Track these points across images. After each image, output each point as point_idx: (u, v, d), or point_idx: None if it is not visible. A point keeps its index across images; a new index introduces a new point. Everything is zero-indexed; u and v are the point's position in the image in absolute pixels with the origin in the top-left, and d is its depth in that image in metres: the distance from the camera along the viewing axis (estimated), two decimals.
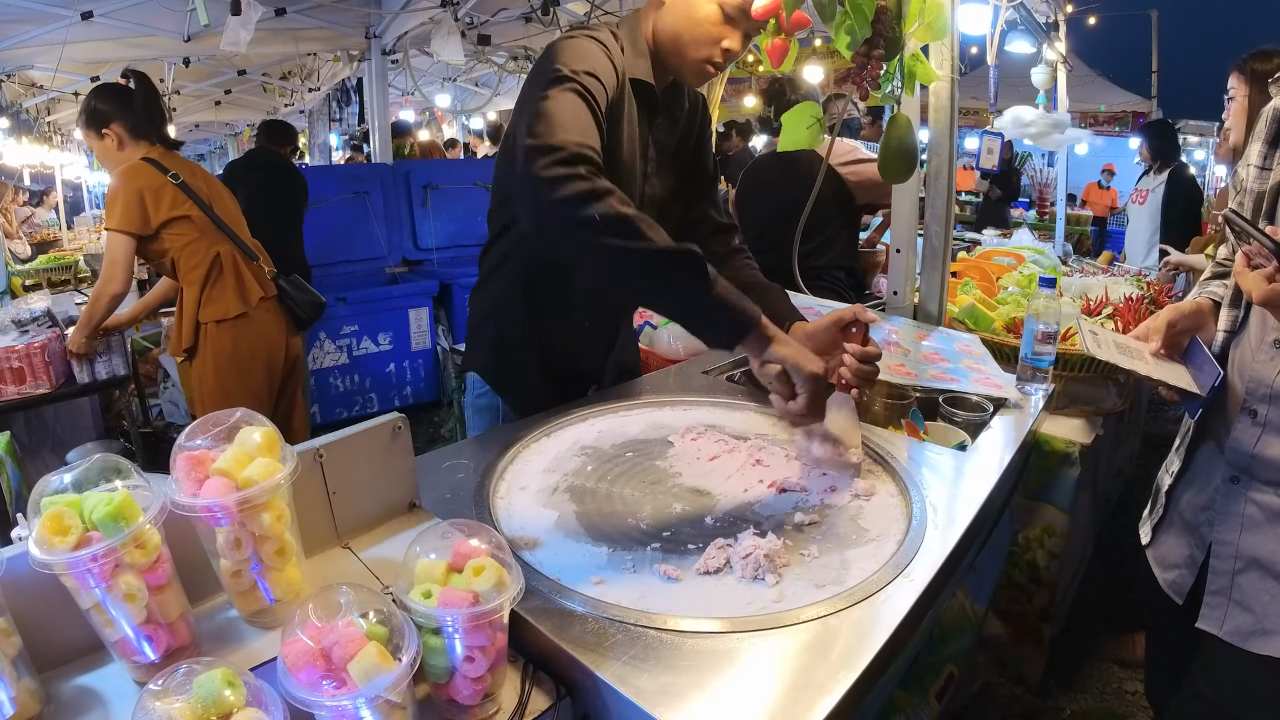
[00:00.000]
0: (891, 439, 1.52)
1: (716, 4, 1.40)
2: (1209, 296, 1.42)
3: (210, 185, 2.83)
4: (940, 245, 2.25)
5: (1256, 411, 1.22)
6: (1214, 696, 1.30)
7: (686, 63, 1.47)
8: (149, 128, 2.70)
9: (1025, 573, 2.17)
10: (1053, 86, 4.65)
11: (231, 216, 2.85)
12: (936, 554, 1.12)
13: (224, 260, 2.76)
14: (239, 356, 2.81)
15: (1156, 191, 4.88)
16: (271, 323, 2.90)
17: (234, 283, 2.77)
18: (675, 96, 1.62)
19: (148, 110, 2.70)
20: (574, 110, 1.27)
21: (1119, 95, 9.76)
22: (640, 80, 1.48)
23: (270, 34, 5.12)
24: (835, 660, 0.91)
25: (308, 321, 3.01)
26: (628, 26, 1.51)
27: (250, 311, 2.80)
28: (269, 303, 2.89)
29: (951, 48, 2.04)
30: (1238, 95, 2.53)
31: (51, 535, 0.77)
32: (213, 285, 2.75)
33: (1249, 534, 1.24)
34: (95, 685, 0.87)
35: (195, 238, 2.72)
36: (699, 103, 1.72)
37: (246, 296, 2.79)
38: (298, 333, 3.04)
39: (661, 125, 1.59)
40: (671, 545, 1.15)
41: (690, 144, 1.70)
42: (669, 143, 1.64)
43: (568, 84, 1.30)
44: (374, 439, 1.13)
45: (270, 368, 2.91)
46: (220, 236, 2.77)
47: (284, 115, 9.62)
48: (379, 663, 0.71)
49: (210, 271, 2.73)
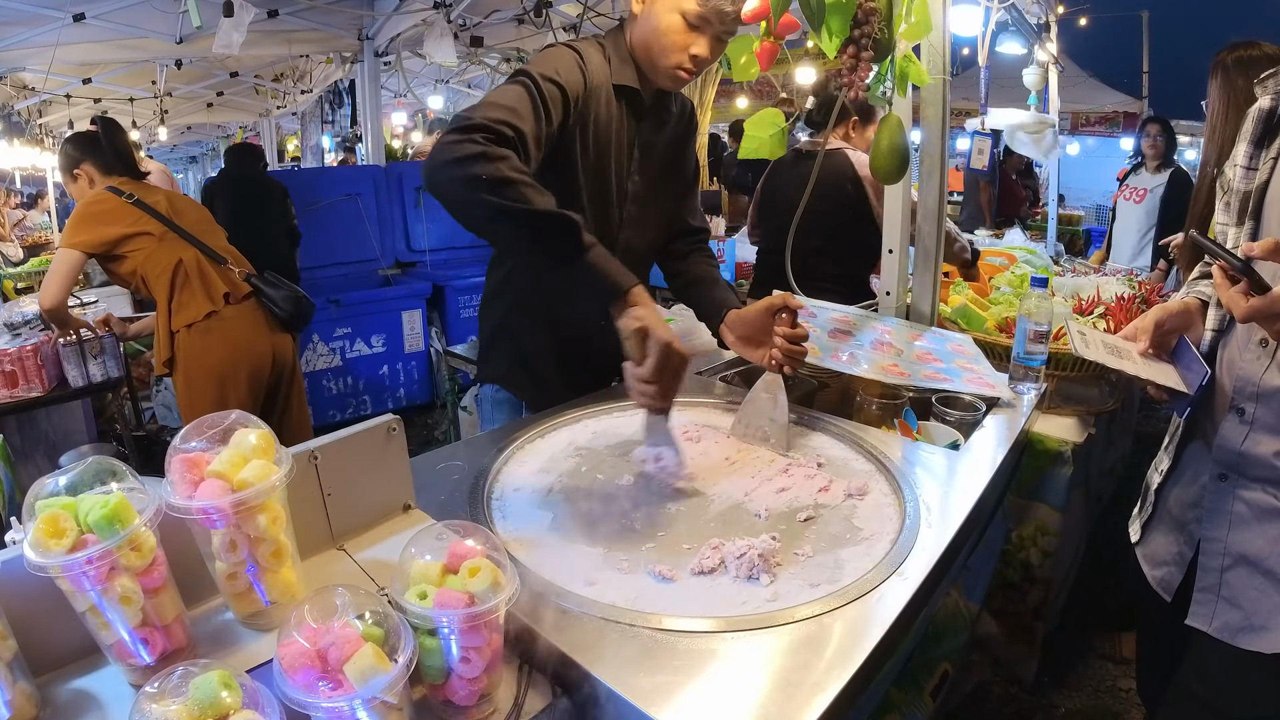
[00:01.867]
0: (885, 438, 1.53)
1: (679, 13, 1.48)
2: (1197, 296, 1.43)
3: (173, 201, 2.87)
4: (932, 245, 2.26)
5: (1244, 410, 1.23)
6: (1204, 692, 1.31)
7: (659, 70, 1.55)
8: (116, 164, 2.82)
9: (1019, 571, 2.18)
10: (1044, 87, 4.67)
11: (199, 226, 2.87)
12: (930, 553, 1.13)
13: (187, 265, 2.76)
14: (215, 361, 2.79)
15: (1156, 191, 4.81)
16: (247, 323, 2.87)
17: (200, 285, 2.77)
18: (663, 100, 1.69)
19: (114, 149, 2.83)
20: (506, 96, 1.38)
21: (1110, 96, 9.79)
22: (626, 86, 1.57)
23: (262, 36, 5.11)
24: (830, 659, 0.91)
25: (288, 318, 2.94)
26: (613, 38, 1.61)
27: (221, 311, 2.79)
28: (243, 303, 2.87)
29: (943, 48, 2.05)
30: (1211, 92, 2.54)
31: (47, 538, 0.77)
32: (180, 292, 2.75)
33: (1237, 531, 1.25)
34: (91, 688, 0.87)
35: (155, 248, 2.73)
36: (687, 108, 1.82)
37: (212, 296, 2.78)
38: (284, 332, 2.99)
39: (648, 126, 1.67)
40: (665, 545, 1.15)
41: (675, 146, 1.77)
42: (656, 142, 1.70)
43: (517, 78, 1.42)
44: (369, 441, 1.13)
45: (253, 372, 2.87)
46: (183, 244, 2.78)
47: (276, 117, 9.64)
48: (375, 664, 0.71)
49: (175, 278, 2.73)
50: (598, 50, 1.57)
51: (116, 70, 6.17)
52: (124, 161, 2.85)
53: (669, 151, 1.75)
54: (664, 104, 1.70)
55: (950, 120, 2.19)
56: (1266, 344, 1.20)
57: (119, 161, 2.83)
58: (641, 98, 1.61)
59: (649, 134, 1.67)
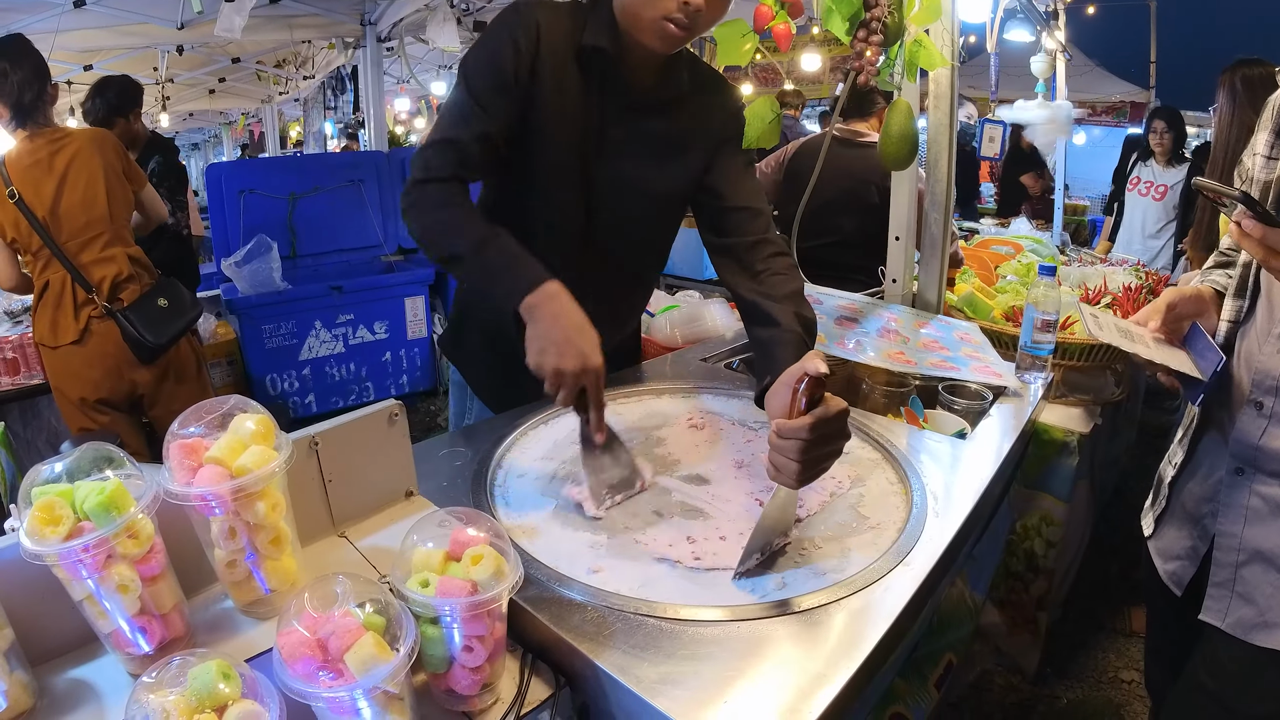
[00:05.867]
0: (891, 427, 1.51)
1: None
2: (1211, 285, 1.41)
3: (60, 195, 2.53)
4: (939, 233, 2.24)
5: (1262, 404, 1.21)
6: (1214, 687, 1.29)
7: (644, 27, 1.28)
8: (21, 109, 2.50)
9: (1023, 561, 2.17)
10: (1052, 75, 4.63)
11: (84, 233, 2.57)
12: (936, 542, 1.12)
13: (52, 289, 2.56)
14: (74, 387, 2.64)
15: (1176, 188, 4.69)
16: (107, 353, 2.63)
17: (65, 310, 2.57)
18: (668, 78, 1.43)
19: (18, 86, 2.47)
20: (445, 115, 1.39)
21: (1117, 85, 9.72)
22: (595, 47, 1.35)
23: (264, 21, 5.08)
24: (836, 649, 0.90)
25: (154, 349, 2.65)
26: (597, 2, 1.38)
27: (80, 341, 2.59)
28: (103, 334, 2.61)
29: (952, 34, 2.03)
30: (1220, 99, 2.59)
31: (43, 525, 0.75)
32: (45, 309, 2.60)
33: (1253, 526, 1.24)
34: (89, 678, 0.86)
35: (30, 259, 2.56)
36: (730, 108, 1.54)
37: (74, 324, 2.58)
38: (149, 364, 2.70)
39: (633, 105, 1.42)
40: (670, 533, 1.14)
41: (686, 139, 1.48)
42: (647, 127, 1.45)
43: (458, 85, 1.38)
44: (370, 426, 1.12)
45: (114, 402, 2.70)
46: (55, 264, 2.54)
47: (278, 103, 9.58)
48: (376, 653, 0.70)
49: (43, 297, 2.58)
50: (568, 13, 1.36)
51: (118, 57, 6.11)
52: (23, 104, 2.48)
53: (673, 144, 1.47)
54: (666, 82, 1.43)
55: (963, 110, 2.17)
56: None
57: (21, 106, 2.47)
58: (621, 68, 1.38)
59: (637, 117, 1.43)
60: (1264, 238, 1.03)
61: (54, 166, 2.53)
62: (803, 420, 1.02)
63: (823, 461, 1.06)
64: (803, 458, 1.02)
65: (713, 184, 1.49)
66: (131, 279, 2.65)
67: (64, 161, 2.55)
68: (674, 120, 1.46)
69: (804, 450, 1.02)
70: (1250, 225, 1.04)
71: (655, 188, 1.49)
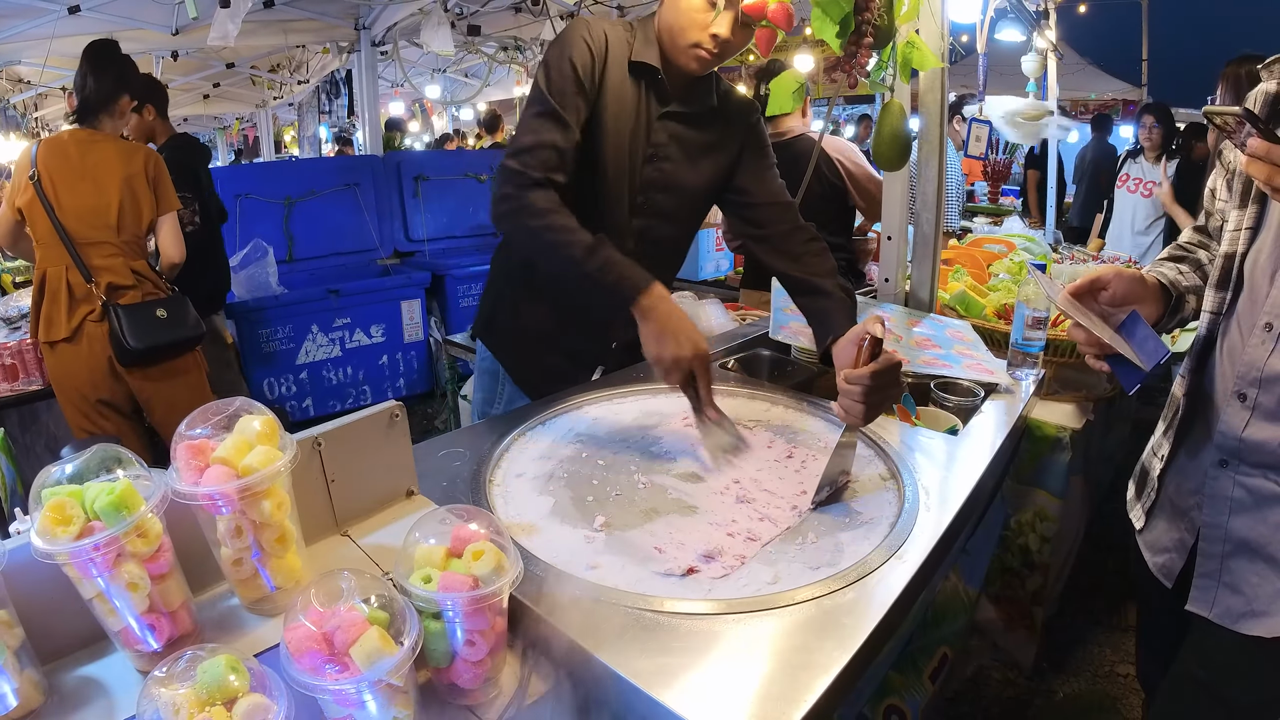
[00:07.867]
0: (883, 424, 1.53)
1: None
2: (1158, 276, 1.40)
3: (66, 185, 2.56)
4: (931, 232, 2.26)
5: (1246, 395, 1.23)
6: (1205, 677, 1.31)
7: (680, 50, 1.53)
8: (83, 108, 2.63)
9: (1018, 557, 2.19)
10: (1043, 75, 4.65)
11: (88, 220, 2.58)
12: (929, 536, 1.14)
13: (51, 280, 2.58)
14: (73, 385, 2.65)
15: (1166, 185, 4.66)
16: (95, 353, 2.63)
17: (61, 304, 2.58)
18: (698, 93, 1.64)
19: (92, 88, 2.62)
20: (529, 126, 1.49)
21: (1109, 83, 9.76)
22: (644, 64, 1.57)
23: (259, 26, 5.09)
24: (830, 640, 0.92)
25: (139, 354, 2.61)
26: (645, 21, 1.62)
27: (73, 339, 2.60)
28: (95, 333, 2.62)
29: (942, 34, 2.05)
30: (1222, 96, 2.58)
31: (54, 525, 0.77)
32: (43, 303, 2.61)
33: (1238, 517, 1.25)
34: (98, 675, 0.88)
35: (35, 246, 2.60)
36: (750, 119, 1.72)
37: (69, 319, 2.59)
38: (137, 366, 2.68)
39: (675, 115, 1.62)
40: (666, 529, 1.16)
41: (715, 147, 1.68)
42: (685, 135, 1.64)
43: (534, 96, 1.51)
44: (372, 427, 1.14)
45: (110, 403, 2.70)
46: (59, 250, 2.56)
47: (273, 108, 9.57)
48: (381, 647, 0.72)
49: (43, 288, 2.60)
50: (624, 29, 1.58)
51: None
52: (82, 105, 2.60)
53: (704, 149, 1.67)
54: (698, 96, 1.64)
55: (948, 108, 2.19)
56: (1271, 328, 1.19)
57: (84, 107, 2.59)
58: (664, 81, 1.58)
59: (675, 124, 1.63)
60: (1269, 153, 1.03)
61: (81, 164, 2.59)
62: (866, 369, 1.26)
63: (882, 405, 1.30)
64: (866, 400, 1.26)
65: (742, 184, 1.70)
66: (132, 288, 2.66)
67: (91, 163, 2.60)
68: (704, 128, 1.66)
69: (867, 394, 1.26)
70: (1256, 144, 1.04)
71: (689, 185, 1.69)
